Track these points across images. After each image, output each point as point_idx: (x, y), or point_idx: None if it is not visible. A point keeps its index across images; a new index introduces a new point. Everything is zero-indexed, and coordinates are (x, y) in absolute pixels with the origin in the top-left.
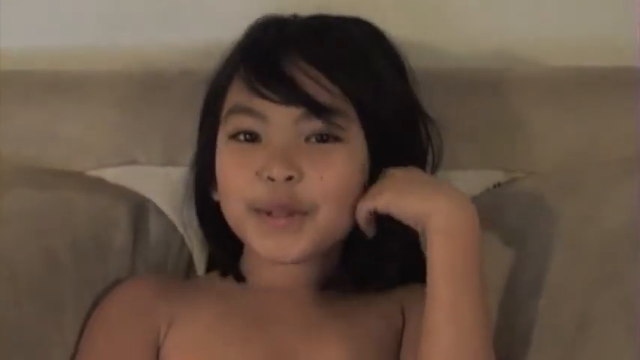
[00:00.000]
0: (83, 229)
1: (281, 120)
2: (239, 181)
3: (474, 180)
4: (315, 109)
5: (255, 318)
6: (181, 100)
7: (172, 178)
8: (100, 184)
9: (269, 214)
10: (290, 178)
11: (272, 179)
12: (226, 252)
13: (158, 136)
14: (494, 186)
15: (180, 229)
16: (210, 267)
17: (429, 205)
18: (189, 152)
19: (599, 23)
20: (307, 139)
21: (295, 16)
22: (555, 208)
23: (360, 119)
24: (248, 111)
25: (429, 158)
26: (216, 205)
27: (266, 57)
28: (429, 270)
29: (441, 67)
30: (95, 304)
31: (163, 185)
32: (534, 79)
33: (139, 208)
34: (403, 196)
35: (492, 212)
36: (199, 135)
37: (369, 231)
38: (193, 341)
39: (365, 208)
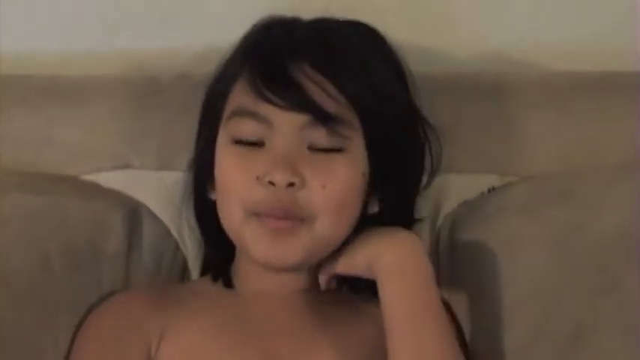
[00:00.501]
0: (77, 233)
1: (286, 126)
2: (239, 184)
3: (468, 184)
4: (321, 117)
5: (247, 325)
6: (176, 105)
7: (166, 183)
8: (95, 189)
9: (268, 216)
10: (291, 185)
11: (273, 184)
12: (219, 254)
13: (152, 140)
14: (489, 190)
15: (174, 234)
16: (204, 271)
17: (376, 250)
18: (183, 157)
19: (599, 28)
20: (310, 147)
21: (299, 19)
22: (549, 213)
23: (364, 128)
24: (253, 115)
25: (428, 164)
26: (214, 205)
27: (272, 61)
28: (384, 309)
29: (439, 71)
30: (89, 310)
31: (157, 190)
32: (532, 83)
33: (133, 212)
34: (353, 253)
35: (487, 218)
36: (198, 134)
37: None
38: (187, 352)
39: (325, 275)
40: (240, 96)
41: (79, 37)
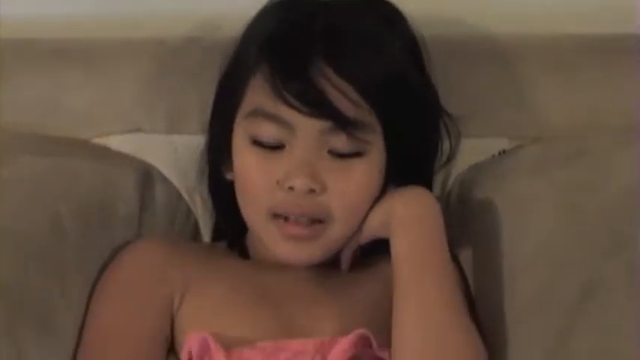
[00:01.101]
0: (88, 196)
1: (307, 131)
2: (259, 187)
3: (479, 147)
4: (342, 123)
5: (262, 292)
6: (186, 69)
7: (177, 146)
8: (105, 152)
9: (286, 219)
10: (312, 191)
11: (293, 189)
12: (234, 227)
13: (163, 104)
14: (500, 153)
15: (186, 197)
16: (215, 233)
17: (389, 207)
18: (193, 120)
19: None
20: (330, 151)
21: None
22: (559, 174)
23: (384, 130)
24: (274, 117)
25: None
26: (229, 184)
27: (292, 60)
28: (393, 260)
29: (446, 34)
30: (101, 272)
31: (167, 153)
32: (539, 46)
33: (145, 175)
34: (369, 218)
35: (497, 179)
36: (212, 117)
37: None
38: (208, 310)
39: (349, 250)
40: (259, 94)
41: (83, 4)
